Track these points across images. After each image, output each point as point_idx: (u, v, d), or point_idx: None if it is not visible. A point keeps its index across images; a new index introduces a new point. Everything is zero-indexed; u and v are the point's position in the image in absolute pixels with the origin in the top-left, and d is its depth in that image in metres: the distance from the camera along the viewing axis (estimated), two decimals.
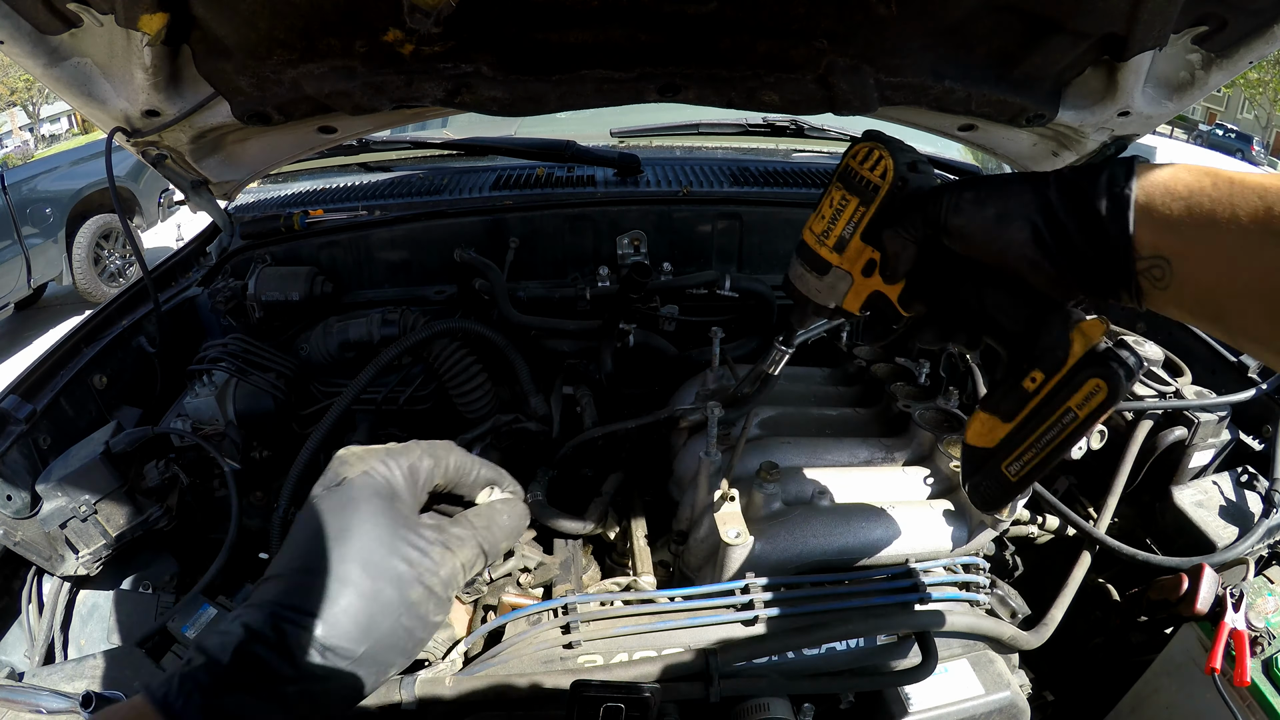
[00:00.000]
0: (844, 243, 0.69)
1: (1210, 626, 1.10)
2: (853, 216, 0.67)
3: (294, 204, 1.82)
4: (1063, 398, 0.57)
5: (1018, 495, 0.62)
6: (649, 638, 0.97)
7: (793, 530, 1.05)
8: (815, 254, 0.71)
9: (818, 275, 0.72)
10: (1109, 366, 0.55)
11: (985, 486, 0.64)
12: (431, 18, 1.04)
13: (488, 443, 1.45)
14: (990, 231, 0.58)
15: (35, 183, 5.65)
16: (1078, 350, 0.56)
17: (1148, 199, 0.52)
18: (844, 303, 0.73)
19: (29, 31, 1.08)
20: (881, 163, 0.65)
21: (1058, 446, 0.58)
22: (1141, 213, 0.52)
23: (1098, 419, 0.56)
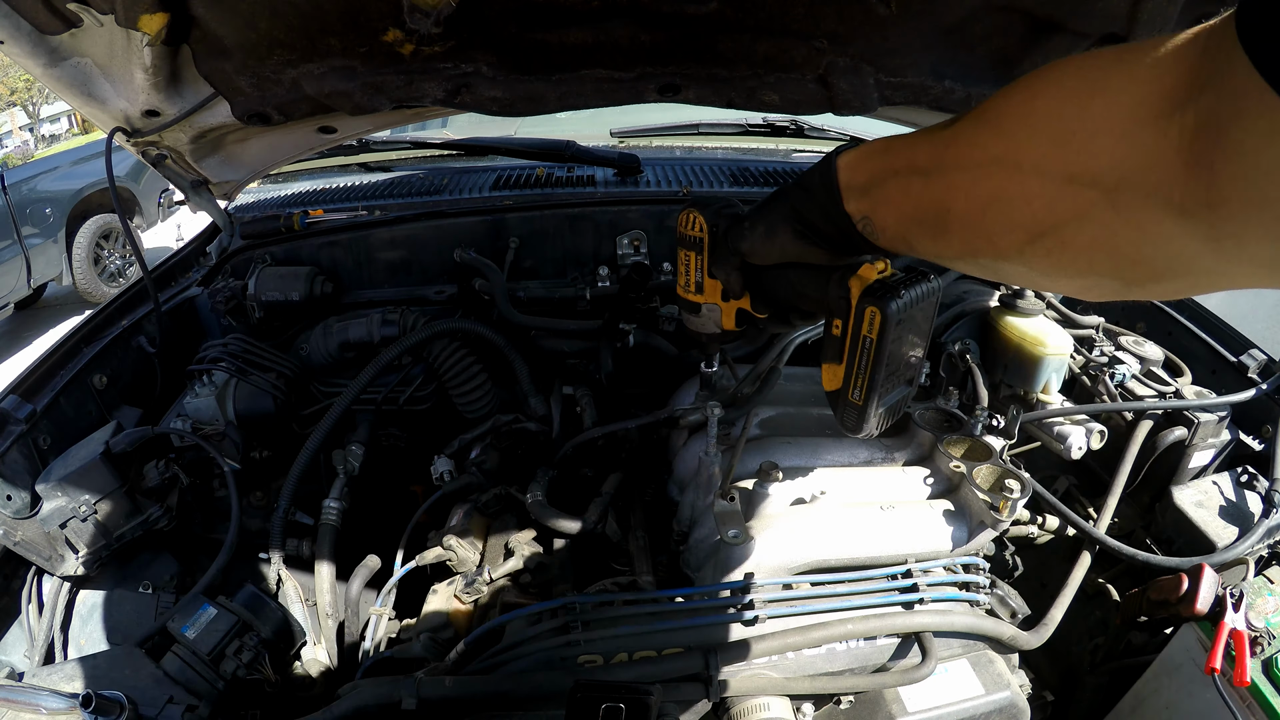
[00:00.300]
0: (700, 285, 0.89)
1: (1210, 626, 1.10)
2: (696, 264, 0.88)
3: (294, 204, 1.82)
4: (857, 330, 0.73)
5: (867, 415, 0.78)
6: (649, 638, 0.97)
7: (793, 530, 1.05)
8: (686, 301, 0.91)
9: (696, 315, 0.92)
10: (878, 296, 0.70)
11: (845, 415, 0.80)
12: (431, 18, 1.04)
13: (488, 443, 1.45)
14: (767, 243, 0.77)
15: (35, 183, 5.65)
16: (856, 292, 0.72)
17: (848, 178, 0.67)
18: (723, 325, 0.92)
19: (29, 31, 1.08)
20: (696, 220, 0.85)
21: (873, 367, 0.74)
22: (845, 189, 0.67)
23: (886, 337, 0.71)
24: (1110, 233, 0.45)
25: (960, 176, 0.55)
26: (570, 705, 0.82)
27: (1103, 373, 1.43)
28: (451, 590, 1.16)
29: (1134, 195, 0.43)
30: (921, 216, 0.61)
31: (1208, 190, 0.38)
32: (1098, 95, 0.45)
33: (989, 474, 1.10)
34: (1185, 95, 0.39)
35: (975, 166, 0.54)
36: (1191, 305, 1.61)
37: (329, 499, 1.33)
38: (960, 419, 1.21)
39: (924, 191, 0.59)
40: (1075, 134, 0.46)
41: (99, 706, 0.87)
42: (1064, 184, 0.47)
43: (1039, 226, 0.50)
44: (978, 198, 0.54)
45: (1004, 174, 0.51)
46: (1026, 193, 0.49)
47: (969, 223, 0.55)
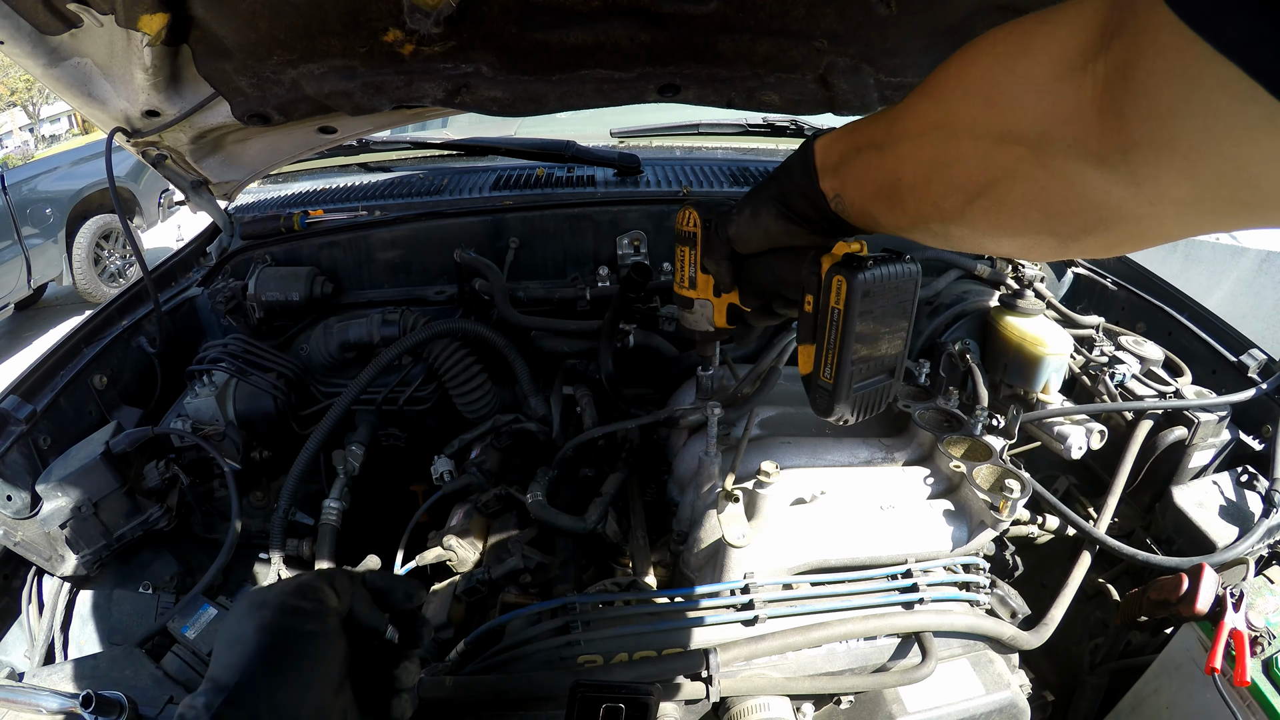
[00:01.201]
0: (693, 280, 0.90)
1: (1210, 626, 1.10)
2: (690, 259, 0.89)
3: (294, 204, 1.82)
4: (825, 303, 0.72)
5: (838, 396, 0.76)
6: (649, 638, 0.97)
7: (793, 530, 1.05)
8: (681, 297, 0.93)
9: (690, 311, 0.93)
10: (844, 266, 0.70)
11: (818, 398, 0.79)
12: (431, 18, 1.04)
13: (488, 443, 1.45)
14: (752, 226, 0.78)
15: (35, 183, 5.65)
16: (826, 266, 0.72)
17: (823, 158, 0.69)
18: (715, 321, 0.92)
19: (29, 31, 1.08)
20: (691, 217, 0.86)
21: (842, 342, 0.73)
22: (820, 168, 0.69)
23: (853, 307, 0.70)
24: (1039, 188, 0.47)
25: (907, 145, 0.58)
26: (570, 705, 0.82)
27: (1103, 372, 1.43)
28: (451, 590, 1.16)
29: (1057, 148, 0.44)
30: (879, 189, 0.63)
31: (1120, 135, 0.39)
32: (1021, 56, 0.46)
33: (989, 474, 1.10)
34: (1098, 46, 0.40)
35: (919, 135, 0.56)
36: (1192, 305, 1.61)
37: (329, 499, 1.33)
38: (960, 419, 1.21)
39: (880, 164, 0.62)
40: (1002, 94, 0.47)
41: (99, 706, 0.87)
42: (995, 143, 0.48)
43: (975, 186, 0.51)
44: (921, 164, 0.56)
45: (942, 138, 0.53)
46: (962, 154, 0.52)
47: (916, 189, 0.58)
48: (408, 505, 1.39)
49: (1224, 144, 0.34)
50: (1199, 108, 0.34)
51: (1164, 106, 0.35)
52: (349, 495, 1.36)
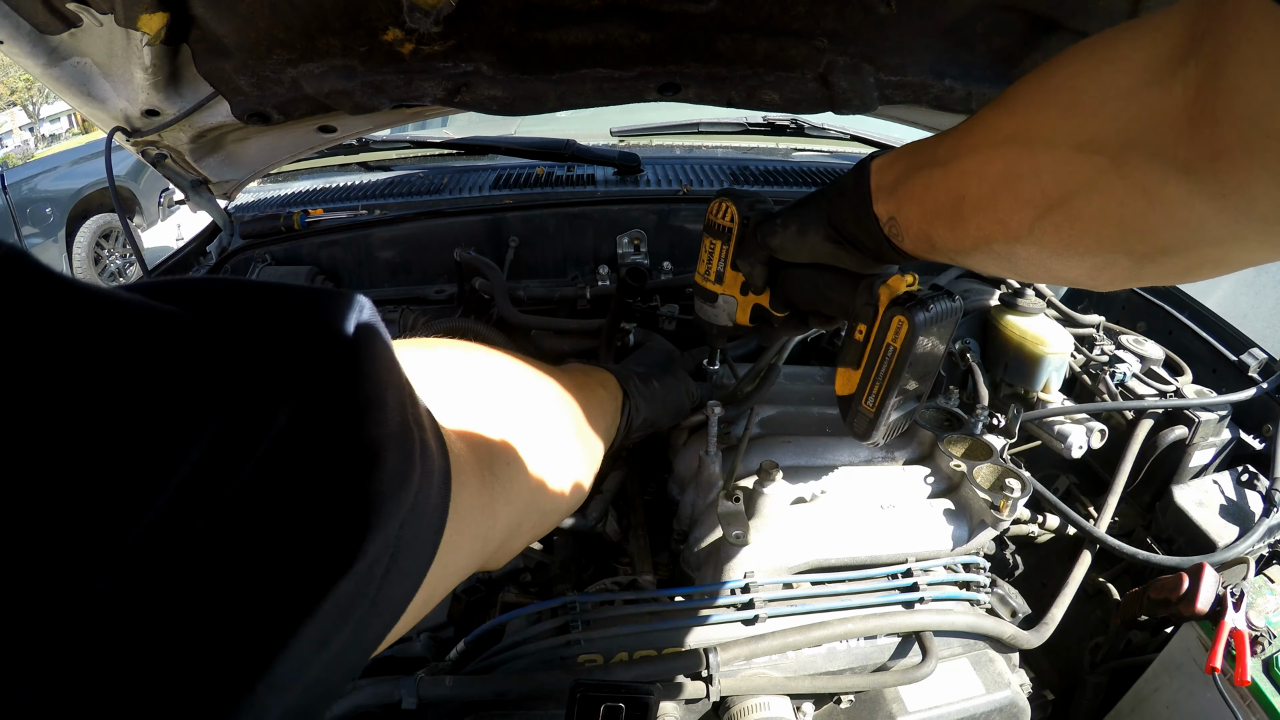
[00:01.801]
0: (720, 275, 0.90)
1: (1210, 626, 1.10)
2: (720, 254, 0.89)
3: (294, 203, 1.82)
4: (880, 337, 0.74)
5: (878, 424, 0.79)
6: (649, 638, 0.97)
7: (793, 530, 1.05)
8: (704, 289, 0.92)
9: (710, 304, 0.93)
10: (906, 306, 0.71)
11: (856, 422, 0.81)
12: (431, 17, 1.04)
13: None
14: (798, 241, 0.78)
15: (35, 182, 5.65)
16: (885, 300, 0.73)
17: (879, 179, 0.68)
18: (736, 318, 0.94)
19: (28, 31, 1.08)
20: (728, 211, 0.86)
21: (891, 376, 0.74)
22: (876, 190, 0.68)
23: (911, 348, 0.71)
24: (1118, 201, 0.45)
25: (974, 160, 0.56)
26: (570, 705, 0.82)
27: (1103, 372, 1.43)
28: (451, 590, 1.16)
29: (1140, 157, 0.42)
30: (940, 208, 0.61)
31: (1210, 141, 0.37)
32: (1106, 63, 0.45)
33: (989, 473, 1.10)
34: (1188, 48, 0.38)
35: (989, 148, 0.55)
36: (1192, 304, 1.61)
37: None
38: (960, 418, 1.21)
39: (943, 181, 0.60)
40: (1084, 102, 0.45)
41: None
42: (1073, 153, 0.46)
43: (1048, 200, 0.49)
44: (990, 178, 0.54)
45: (1015, 150, 0.52)
46: (1036, 166, 0.50)
47: (982, 206, 0.56)
48: None
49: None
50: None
51: (1259, 101, 0.33)
52: None
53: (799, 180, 1.86)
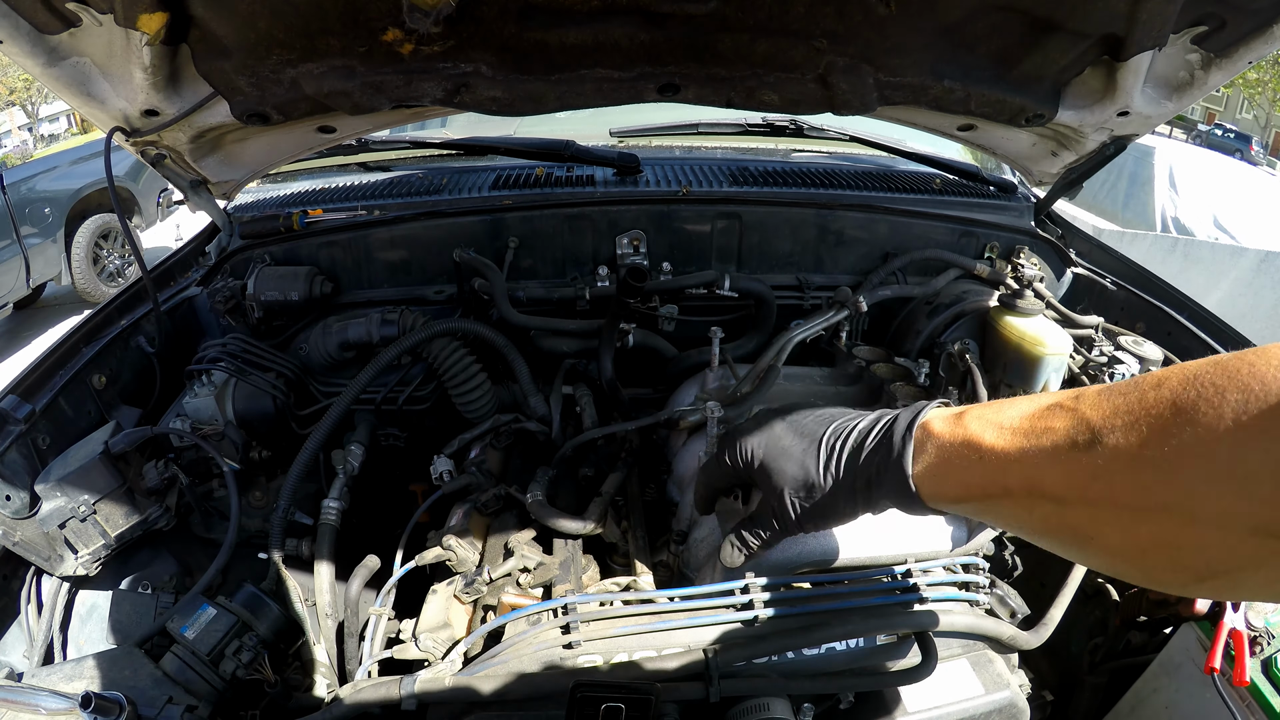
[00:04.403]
0: None
1: (1209, 626, 1.10)
2: None
3: (293, 204, 1.81)
4: None
5: None
6: (649, 638, 0.97)
7: None
8: None
9: None
10: None
11: None
12: (431, 17, 1.04)
13: (487, 443, 1.45)
14: None
15: (34, 182, 5.65)
16: None
17: (934, 491, 0.64)
18: None
19: (28, 31, 1.08)
20: None
21: None
22: (931, 498, 0.64)
23: None
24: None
25: (1112, 514, 0.52)
26: (570, 705, 0.82)
27: (1102, 372, 1.43)
28: (451, 590, 1.15)
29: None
30: (1053, 536, 0.58)
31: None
32: (1275, 441, 0.43)
33: None
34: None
35: (1137, 509, 0.50)
36: (1191, 305, 1.61)
37: (328, 499, 1.33)
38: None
39: (1058, 518, 0.55)
40: (1259, 484, 0.43)
41: (98, 707, 0.87)
42: (1247, 535, 0.45)
43: (1211, 571, 0.48)
44: (1137, 539, 0.51)
45: (1175, 522, 0.48)
46: (1201, 542, 0.47)
47: (1122, 556, 0.53)
48: (407, 505, 1.39)
49: None
50: None
51: None
52: (348, 495, 1.36)
53: (799, 181, 1.87)
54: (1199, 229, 8.45)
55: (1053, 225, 1.92)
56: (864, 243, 1.75)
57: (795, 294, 1.70)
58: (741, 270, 1.74)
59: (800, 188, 1.84)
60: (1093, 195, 9.43)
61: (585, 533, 1.23)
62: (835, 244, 1.75)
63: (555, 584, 1.15)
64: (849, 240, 1.75)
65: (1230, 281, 5.48)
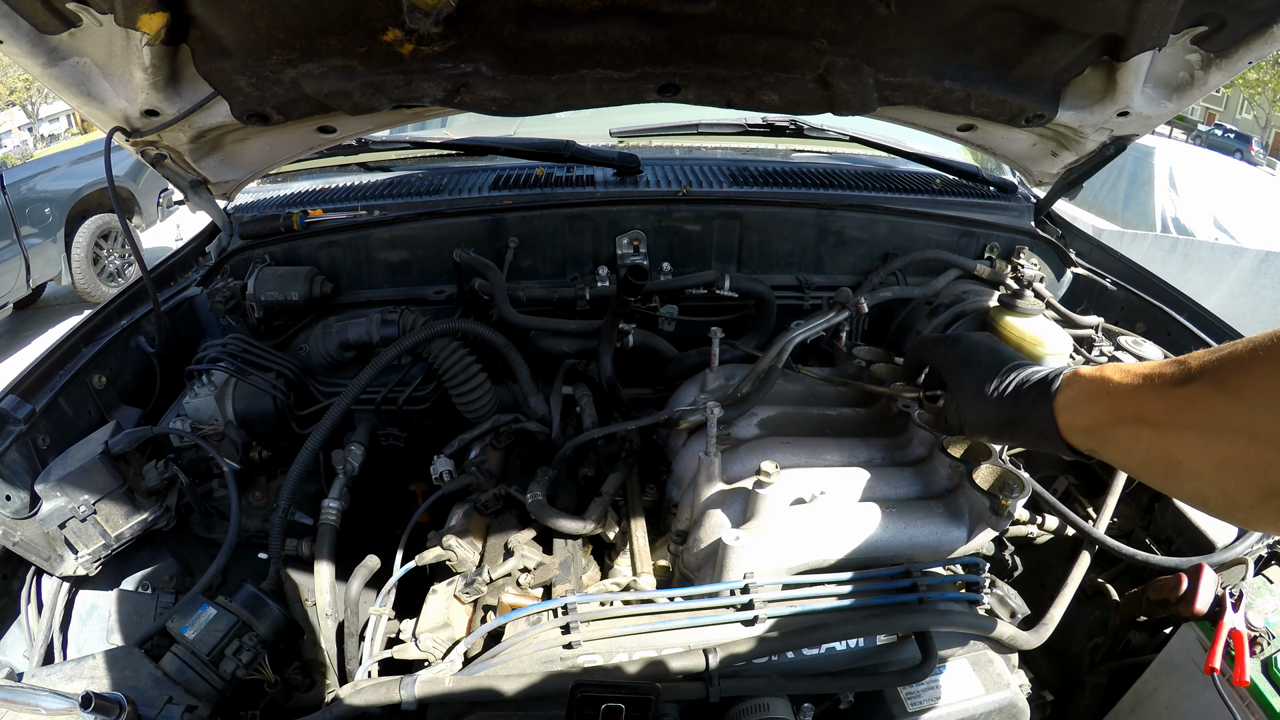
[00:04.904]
0: None
1: (1209, 626, 1.10)
2: None
3: (293, 204, 1.81)
4: None
5: None
6: (649, 638, 0.97)
7: (792, 530, 1.05)
8: None
9: None
10: None
11: None
12: (431, 17, 1.04)
13: (487, 443, 1.45)
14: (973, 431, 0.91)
15: (34, 182, 5.64)
16: None
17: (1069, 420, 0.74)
18: None
19: (28, 31, 1.08)
20: None
21: None
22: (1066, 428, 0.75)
23: None
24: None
25: (1195, 436, 0.61)
26: (570, 705, 0.82)
27: None
28: (451, 590, 1.16)
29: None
30: (1150, 462, 0.67)
31: None
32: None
33: (989, 474, 1.10)
34: None
35: (1213, 430, 0.59)
36: (1191, 305, 1.61)
37: (328, 499, 1.33)
38: None
39: (1154, 442, 0.65)
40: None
41: (98, 707, 0.87)
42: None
43: (1273, 488, 0.55)
44: (1213, 458, 0.59)
45: (1245, 442, 0.56)
46: (1264, 460, 0.55)
47: (1203, 476, 0.61)
48: (407, 505, 1.39)
49: None
50: None
51: None
52: (348, 495, 1.36)
53: (799, 181, 1.87)
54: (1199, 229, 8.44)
55: (1053, 225, 1.92)
56: (864, 243, 1.75)
57: (795, 294, 1.70)
58: (741, 270, 1.74)
59: (800, 188, 1.84)
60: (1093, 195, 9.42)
61: (585, 533, 1.23)
62: (835, 244, 1.75)
63: (555, 584, 1.15)
64: (849, 240, 1.75)
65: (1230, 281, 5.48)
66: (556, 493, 1.35)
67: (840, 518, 1.07)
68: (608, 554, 1.30)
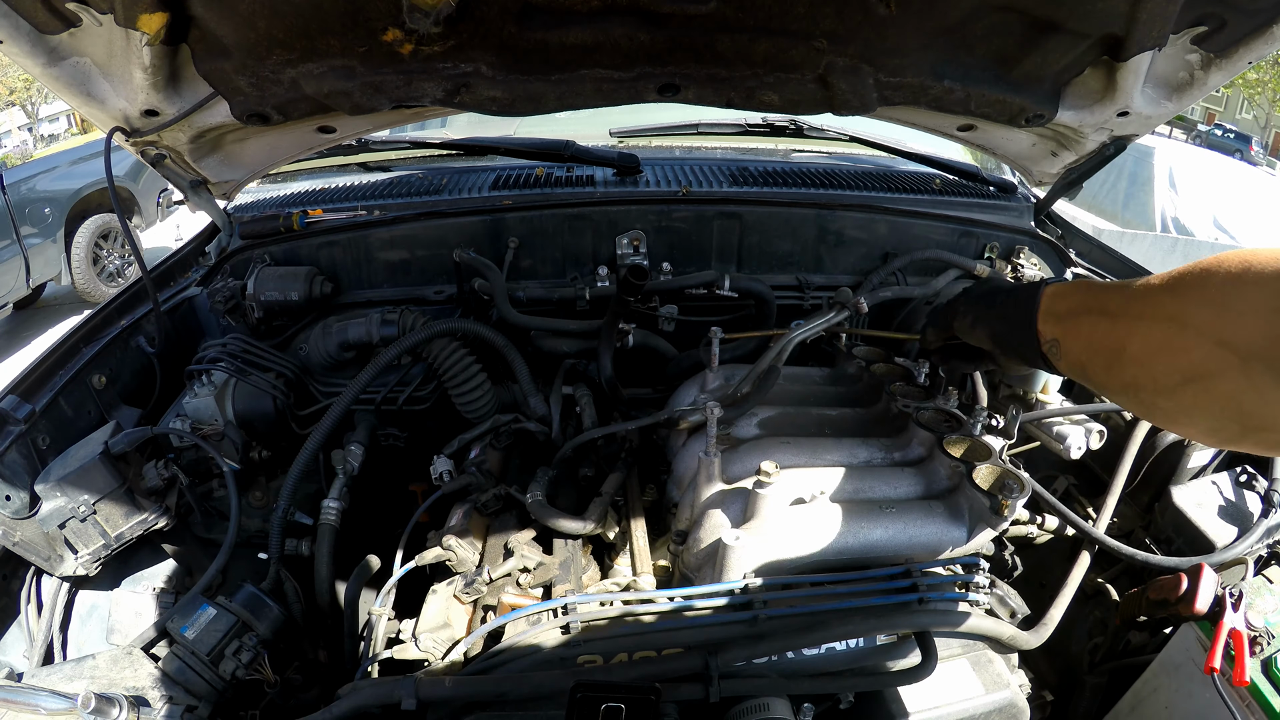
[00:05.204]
0: None
1: (1209, 626, 1.10)
2: None
3: (293, 204, 1.81)
4: None
5: None
6: (649, 638, 0.97)
7: (792, 530, 1.05)
8: None
9: None
10: None
11: None
12: (431, 17, 1.04)
13: (487, 443, 1.45)
14: (969, 333, 1.00)
15: (34, 182, 5.64)
16: None
17: (1050, 304, 0.84)
18: None
19: (28, 31, 1.08)
20: None
21: None
22: (1044, 312, 0.84)
23: None
24: (1238, 389, 0.60)
25: (1140, 325, 0.70)
26: (570, 705, 0.82)
27: None
28: (451, 590, 1.16)
29: (1259, 364, 0.57)
30: (1101, 349, 0.77)
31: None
32: (1253, 285, 0.59)
33: (989, 474, 1.10)
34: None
35: (1153, 319, 0.68)
36: None
37: (328, 499, 1.33)
38: (960, 419, 1.21)
39: (1110, 330, 0.74)
40: (1230, 309, 0.60)
41: (98, 707, 0.87)
42: (1215, 345, 0.61)
43: (1191, 373, 0.64)
44: (1150, 343, 0.69)
45: (1174, 329, 0.66)
46: (1187, 346, 0.64)
47: (1140, 361, 0.70)
48: (407, 505, 1.39)
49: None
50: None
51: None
52: (348, 495, 1.36)
53: (798, 181, 1.87)
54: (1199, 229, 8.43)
55: (1053, 225, 1.93)
56: (864, 243, 1.75)
57: (795, 294, 1.70)
58: (741, 270, 1.74)
59: (800, 188, 1.84)
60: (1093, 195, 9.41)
61: (585, 533, 1.23)
62: (835, 244, 1.75)
63: (555, 584, 1.15)
64: (849, 240, 1.75)
65: None
66: (556, 493, 1.35)
67: (840, 518, 1.07)
68: (608, 554, 1.30)
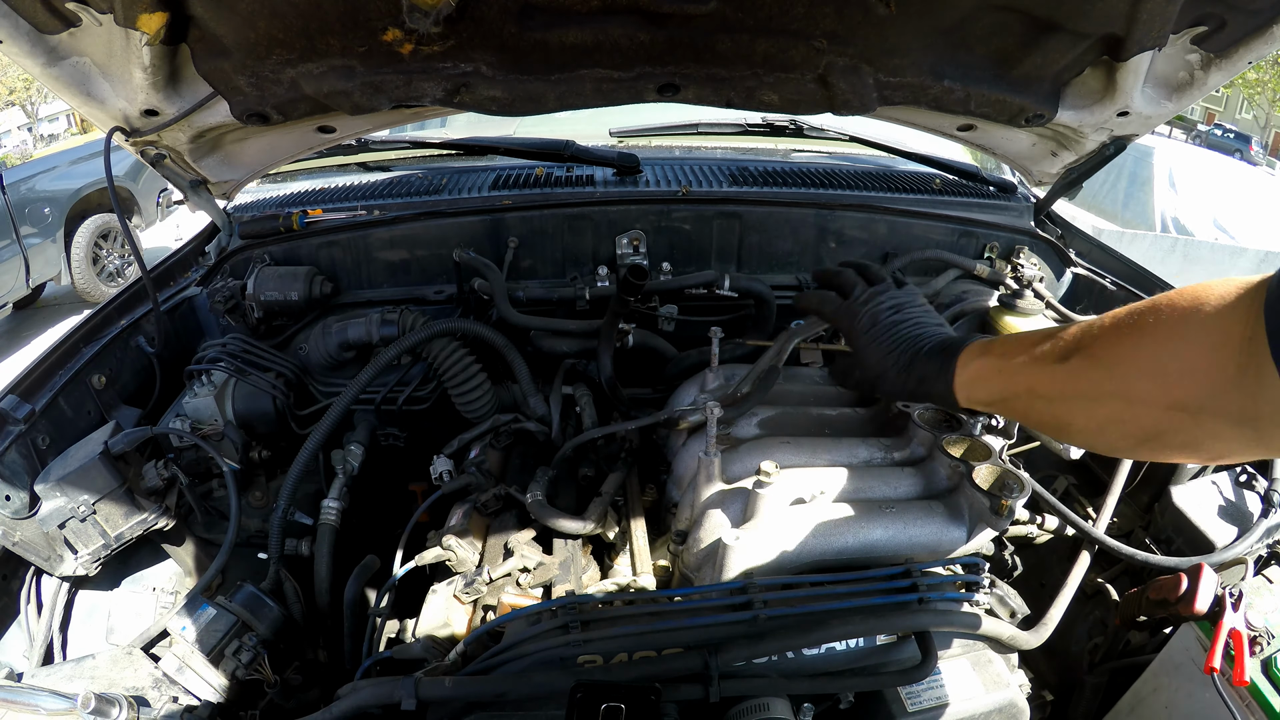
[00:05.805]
0: None
1: (1209, 626, 1.10)
2: None
3: (293, 204, 1.81)
4: None
5: None
6: (649, 638, 0.97)
7: (792, 530, 1.05)
8: None
9: None
10: None
11: None
12: (430, 17, 1.04)
13: (487, 442, 1.45)
14: None
15: (34, 182, 5.64)
16: None
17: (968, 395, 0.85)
18: None
19: (28, 31, 1.07)
20: None
21: None
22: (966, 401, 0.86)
23: None
24: (1194, 438, 0.65)
25: (1080, 404, 0.73)
26: (570, 705, 0.82)
27: None
28: (451, 590, 1.16)
29: (1210, 415, 0.62)
30: (1044, 425, 0.81)
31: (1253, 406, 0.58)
32: (1185, 345, 0.63)
33: (989, 474, 1.10)
34: (1239, 343, 0.58)
35: (1094, 399, 0.71)
36: None
37: (328, 499, 1.33)
38: (960, 419, 1.21)
39: (1047, 411, 0.77)
40: (1169, 375, 0.64)
41: (98, 707, 0.87)
42: (1165, 410, 0.65)
43: (1144, 436, 0.68)
44: (1096, 419, 0.72)
45: (1118, 404, 0.68)
46: (1135, 416, 0.68)
47: (1089, 433, 0.75)
48: (407, 505, 1.39)
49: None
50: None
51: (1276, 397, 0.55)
52: (348, 495, 1.36)
53: (798, 181, 1.87)
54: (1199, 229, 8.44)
55: (1052, 225, 1.92)
56: (864, 243, 1.75)
57: (795, 294, 1.70)
58: (741, 270, 1.74)
59: (800, 188, 1.84)
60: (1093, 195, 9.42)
61: (585, 533, 1.23)
62: (835, 244, 1.75)
63: (555, 584, 1.15)
64: (849, 240, 1.75)
65: None
66: (556, 493, 1.35)
67: (840, 518, 1.07)
68: (608, 554, 1.30)
